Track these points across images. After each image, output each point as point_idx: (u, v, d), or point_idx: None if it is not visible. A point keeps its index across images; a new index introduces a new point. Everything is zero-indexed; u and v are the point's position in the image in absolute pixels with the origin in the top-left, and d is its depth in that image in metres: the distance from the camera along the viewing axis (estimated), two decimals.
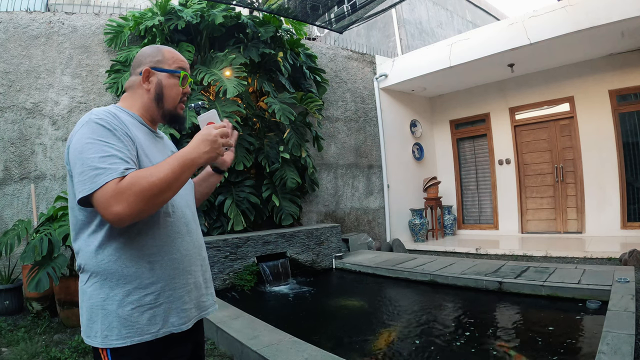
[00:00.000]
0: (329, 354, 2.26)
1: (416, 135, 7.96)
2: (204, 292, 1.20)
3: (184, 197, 1.19)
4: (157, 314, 1.02)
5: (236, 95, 4.73)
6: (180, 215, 1.14)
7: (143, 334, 0.99)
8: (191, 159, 0.99)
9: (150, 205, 0.92)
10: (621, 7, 4.61)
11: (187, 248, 1.13)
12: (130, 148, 1.00)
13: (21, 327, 3.37)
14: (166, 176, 0.93)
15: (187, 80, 1.22)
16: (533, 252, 5.41)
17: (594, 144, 6.28)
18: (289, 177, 5.28)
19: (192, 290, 1.13)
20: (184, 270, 1.11)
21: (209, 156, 1.02)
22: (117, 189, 0.89)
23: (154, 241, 1.04)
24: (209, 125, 1.06)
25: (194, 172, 1.02)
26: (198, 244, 1.20)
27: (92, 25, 4.95)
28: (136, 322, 0.99)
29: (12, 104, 4.44)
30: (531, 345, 2.56)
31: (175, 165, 0.95)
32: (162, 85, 1.16)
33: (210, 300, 1.23)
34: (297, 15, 5.37)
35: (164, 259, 1.06)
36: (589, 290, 3.25)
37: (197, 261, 1.17)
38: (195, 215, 1.25)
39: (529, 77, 6.89)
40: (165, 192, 0.94)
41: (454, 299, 3.84)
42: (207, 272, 1.24)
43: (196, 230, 1.21)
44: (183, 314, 1.08)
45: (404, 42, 9.23)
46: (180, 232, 1.12)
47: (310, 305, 4.05)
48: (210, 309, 1.22)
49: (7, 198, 4.33)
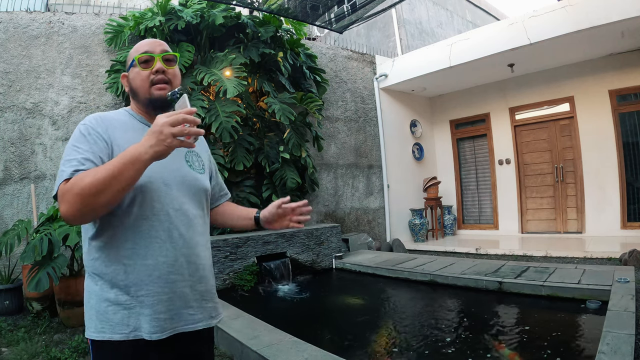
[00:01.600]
0: (329, 354, 2.25)
1: (416, 135, 7.96)
2: (194, 305, 1.11)
3: (175, 200, 1.09)
4: (130, 316, 1.02)
5: (236, 95, 4.73)
6: (163, 219, 1.06)
7: (114, 333, 1.01)
8: (135, 155, 0.89)
9: (90, 205, 0.90)
10: (621, 7, 4.61)
11: (167, 255, 1.05)
12: (99, 149, 1.01)
13: (21, 327, 3.37)
14: (103, 176, 0.89)
15: (152, 60, 1.12)
16: (533, 252, 5.41)
17: (594, 144, 6.28)
18: (289, 177, 5.28)
19: (171, 301, 1.05)
20: (159, 278, 1.04)
21: (155, 150, 0.89)
22: (62, 190, 0.92)
23: (128, 244, 1.03)
24: (161, 114, 0.92)
25: (141, 167, 0.91)
26: (188, 253, 1.10)
27: (92, 25, 4.95)
28: (110, 319, 1.02)
29: (12, 104, 4.44)
30: (531, 345, 2.56)
31: (116, 164, 0.90)
32: (130, 80, 1.16)
33: (202, 315, 1.13)
34: (297, 15, 5.37)
35: (137, 263, 1.03)
36: (589, 290, 3.25)
37: (184, 271, 1.08)
38: (195, 222, 1.14)
39: (529, 77, 6.89)
40: (104, 192, 0.89)
41: (454, 299, 3.84)
42: (202, 284, 1.14)
43: (190, 238, 1.11)
44: (155, 323, 1.02)
45: (404, 42, 9.23)
46: (158, 237, 1.05)
47: (310, 305, 4.05)
48: (200, 324, 1.12)
49: (7, 198, 4.33)
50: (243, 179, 5.13)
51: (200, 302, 1.13)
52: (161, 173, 1.08)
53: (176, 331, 1.07)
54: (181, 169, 1.15)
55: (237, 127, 4.75)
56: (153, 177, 1.06)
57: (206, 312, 1.14)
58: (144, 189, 1.05)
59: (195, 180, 1.17)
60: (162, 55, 1.14)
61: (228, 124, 4.67)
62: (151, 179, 1.05)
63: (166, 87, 1.13)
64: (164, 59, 1.14)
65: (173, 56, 1.17)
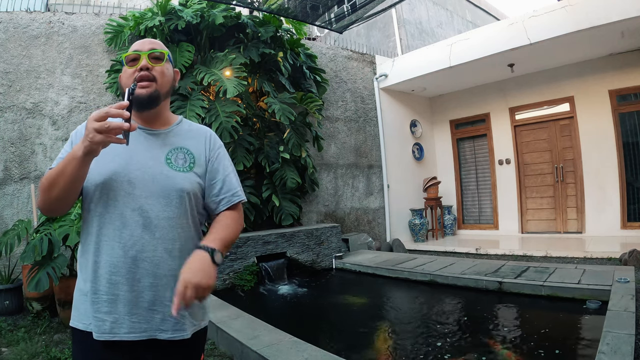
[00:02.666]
0: (329, 354, 2.25)
1: (416, 135, 7.95)
2: (139, 313, 1.02)
3: (135, 200, 1.04)
4: (88, 309, 1.06)
5: (236, 95, 4.73)
6: (115, 218, 1.03)
7: (79, 322, 1.06)
8: (71, 153, 0.93)
9: (47, 199, 1.00)
10: (621, 7, 4.61)
11: (112, 255, 1.02)
12: None
13: (21, 327, 3.37)
14: (51, 174, 0.98)
15: (138, 57, 1.11)
16: (533, 252, 5.41)
17: (594, 144, 6.28)
18: (289, 177, 5.28)
19: (112, 303, 1.01)
20: (102, 277, 1.02)
21: (84, 146, 0.89)
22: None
23: (86, 239, 1.08)
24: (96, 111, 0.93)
25: (78, 164, 0.92)
26: (139, 256, 1.02)
27: (92, 25, 4.95)
28: (78, 307, 1.08)
29: (12, 104, 4.44)
30: (531, 345, 2.56)
31: (61, 163, 0.97)
32: (120, 80, 1.16)
33: (148, 326, 1.03)
34: (297, 15, 5.37)
35: (89, 259, 1.05)
36: (589, 290, 3.25)
37: (129, 274, 1.02)
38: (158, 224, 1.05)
39: (529, 77, 6.88)
40: (53, 188, 0.97)
41: (454, 299, 3.84)
42: (150, 292, 1.04)
43: (144, 241, 1.03)
44: (96, 322, 1.02)
45: (404, 42, 9.23)
46: (106, 235, 1.03)
47: (310, 305, 4.05)
48: (143, 334, 1.03)
49: (7, 198, 4.33)
50: (243, 179, 5.12)
51: (147, 311, 1.03)
52: (128, 170, 1.05)
53: (116, 337, 1.01)
54: (155, 167, 1.08)
55: (237, 127, 4.75)
56: (118, 175, 1.04)
57: (153, 323, 1.04)
58: (105, 186, 1.04)
59: (168, 179, 1.07)
60: (148, 52, 1.12)
61: (228, 124, 4.67)
62: (115, 175, 1.04)
63: (150, 84, 1.09)
64: (150, 56, 1.11)
65: (160, 53, 1.14)
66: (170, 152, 1.12)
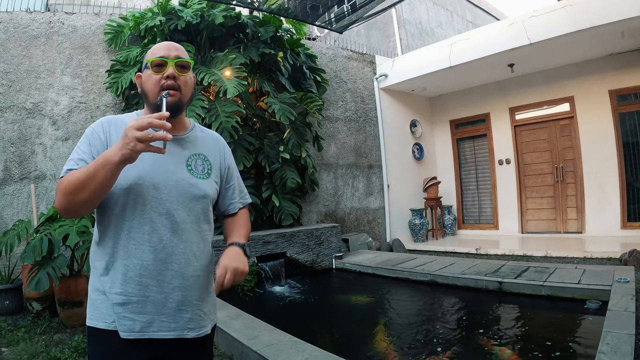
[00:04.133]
0: (329, 354, 2.25)
1: (416, 135, 7.96)
2: (168, 313, 1.07)
3: (162, 204, 1.08)
4: (112, 309, 1.06)
5: (236, 95, 4.73)
6: (144, 222, 1.06)
7: (100, 320, 1.07)
8: (106, 158, 0.92)
9: (72, 202, 0.97)
10: (621, 7, 4.61)
11: (142, 257, 1.05)
12: (96, 150, 1.07)
13: (21, 327, 3.37)
14: (79, 177, 0.95)
15: (165, 64, 1.12)
16: (533, 252, 5.41)
17: (594, 144, 6.28)
18: (289, 177, 5.28)
19: (142, 304, 1.05)
20: (132, 280, 1.05)
21: (122, 153, 0.90)
22: (57, 186, 1.01)
23: (111, 242, 1.08)
24: (134, 118, 0.95)
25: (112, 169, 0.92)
26: (168, 259, 1.07)
27: (92, 25, 4.95)
28: (98, 307, 1.08)
29: (12, 104, 4.44)
30: (531, 345, 2.56)
31: (91, 165, 0.95)
32: (142, 82, 1.18)
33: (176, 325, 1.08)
34: (297, 15, 5.37)
35: (117, 262, 1.07)
36: (589, 290, 3.25)
37: (159, 276, 1.06)
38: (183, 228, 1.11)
39: (529, 77, 6.88)
40: (81, 191, 0.95)
41: (454, 299, 3.84)
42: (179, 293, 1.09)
43: (172, 244, 1.08)
44: (124, 322, 1.04)
45: (404, 42, 9.23)
46: (136, 239, 1.06)
47: (310, 305, 4.05)
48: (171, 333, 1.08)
49: (7, 198, 4.33)
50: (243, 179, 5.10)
51: (175, 311, 1.09)
52: (153, 176, 1.08)
53: (145, 336, 1.05)
54: (177, 173, 1.13)
55: (237, 127, 4.75)
56: (143, 179, 1.07)
57: (182, 322, 1.10)
58: (131, 191, 1.06)
59: (191, 186, 1.14)
60: (175, 60, 1.14)
61: (228, 124, 4.67)
62: (140, 180, 1.06)
63: (176, 94, 1.12)
64: (177, 64, 1.14)
65: (187, 63, 1.16)
66: (189, 159, 1.18)
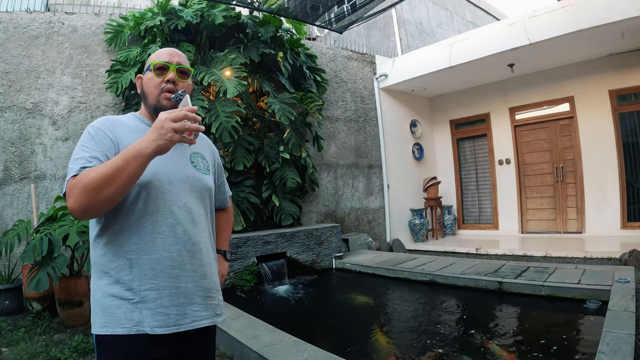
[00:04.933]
0: (329, 354, 2.25)
1: (416, 135, 7.96)
2: (198, 302, 1.13)
3: (179, 198, 1.13)
4: (133, 310, 1.04)
5: (236, 95, 4.73)
6: (167, 215, 1.10)
7: (117, 327, 1.04)
8: (137, 150, 0.93)
9: (95, 200, 0.93)
10: (621, 7, 4.61)
11: (169, 250, 1.09)
12: (106, 148, 1.06)
13: (21, 327, 3.37)
14: (106, 171, 0.92)
15: (167, 69, 1.18)
16: (533, 252, 5.41)
17: (594, 144, 6.28)
18: (289, 177, 5.28)
19: (175, 296, 1.08)
20: (163, 273, 1.07)
21: (158, 144, 0.92)
22: (70, 185, 0.97)
23: (133, 239, 1.07)
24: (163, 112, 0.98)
25: (144, 161, 0.94)
26: (192, 249, 1.13)
27: (92, 25, 4.95)
28: (114, 313, 1.05)
29: (12, 104, 4.44)
30: (531, 345, 2.56)
31: (119, 159, 0.93)
32: (143, 83, 1.22)
33: (207, 313, 1.15)
34: (297, 15, 5.37)
35: (142, 258, 1.06)
36: (589, 290, 3.25)
37: (187, 266, 1.11)
38: (199, 219, 1.18)
39: (529, 77, 6.88)
40: (107, 186, 0.92)
41: (454, 299, 3.84)
42: (205, 280, 1.16)
43: (194, 234, 1.14)
44: (159, 317, 1.05)
45: (404, 42, 9.23)
46: (162, 232, 1.08)
47: (310, 305, 4.05)
48: (205, 321, 1.14)
49: (7, 198, 4.33)
50: (243, 179, 5.13)
51: (204, 298, 1.15)
52: (166, 171, 1.12)
53: (180, 329, 1.08)
54: (186, 169, 1.19)
55: (237, 127, 4.75)
56: (159, 175, 1.10)
57: (211, 309, 1.17)
58: (149, 186, 1.08)
59: (199, 181, 1.21)
60: (177, 67, 1.19)
61: (228, 124, 4.67)
62: (157, 176, 1.09)
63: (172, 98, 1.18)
64: (178, 70, 1.19)
65: (188, 70, 1.22)
66: (192, 156, 1.24)
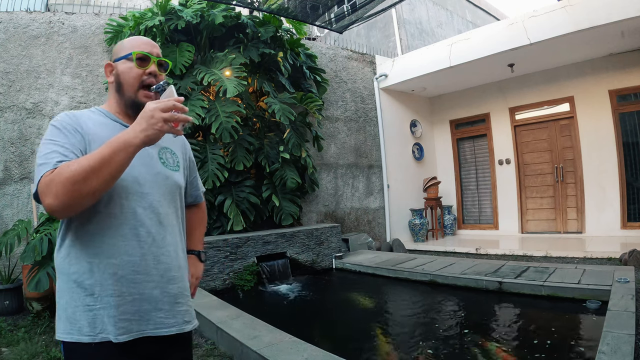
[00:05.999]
0: (329, 354, 2.25)
1: (416, 135, 7.96)
2: (165, 308, 1.06)
3: (145, 198, 1.06)
4: (96, 317, 0.99)
5: (236, 95, 4.73)
6: (130, 217, 1.03)
7: (82, 334, 0.99)
8: (124, 140, 0.89)
9: (78, 194, 0.87)
10: (621, 7, 4.61)
11: (132, 254, 1.02)
12: (76, 141, 1.00)
13: (21, 327, 3.37)
14: (89, 163, 0.87)
15: (149, 60, 1.11)
16: (533, 252, 5.41)
17: (594, 144, 6.28)
18: (289, 177, 5.28)
19: (138, 302, 1.02)
20: (124, 278, 1.01)
21: (146, 134, 0.89)
22: (45, 181, 0.89)
23: (95, 242, 1.00)
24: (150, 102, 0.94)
25: (132, 152, 0.90)
26: (158, 252, 1.06)
27: (92, 25, 4.95)
28: (78, 320, 0.99)
29: (12, 104, 4.44)
30: (531, 346, 2.56)
31: (105, 150, 0.88)
32: (119, 72, 1.12)
33: (175, 320, 1.08)
34: (297, 15, 5.38)
35: (102, 262, 1.00)
36: (589, 290, 3.25)
37: (152, 271, 1.04)
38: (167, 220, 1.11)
39: (529, 77, 6.88)
40: (92, 179, 0.86)
41: (454, 299, 3.84)
42: (173, 285, 1.09)
43: (160, 237, 1.07)
44: (120, 324, 0.99)
45: (404, 42, 9.23)
46: (124, 235, 1.02)
47: (310, 305, 4.05)
48: (172, 329, 1.07)
49: (7, 198, 4.33)
50: (243, 179, 5.13)
51: (172, 305, 1.08)
52: (132, 169, 1.02)
53: (144, 334, 1.03)
54: (154, 166, 1.12)
55: (237, 127, 4.75)
56: (125, 173, 1.00)
57: (179, 316, 1.10)
58: (115, 186, 1.00)
59: (167, 178, 1.14)
60: (158, 59, 1.14)
61: (228, 124, 4.67)
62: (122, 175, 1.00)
63: (152, 95, 1.12)
64: (158, 63, 1.14)
65: (166, 63, 1.17)
66: (160, 152, 1.16)
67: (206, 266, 4.22)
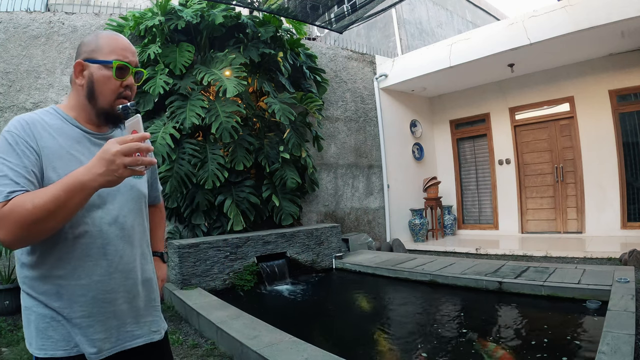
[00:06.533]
0: (329, 354, 2.25)
1: (416, 135, 7.96)
2: (129, 322, 1.06)
3: (109, 213, 1.02)
4: (70, 332, 0.97)
5: (236, 95, 4.73)
6: (97, 236, 0.99)
7: (57, 349, 0.97)
8: (81, 183, 0.83)
9: (33, 232, 0.84)
10: (621, 7, 4.61)
11: (101, 274, 1.00)
12: (30, 163, 0.92)
13: (21, 327, 3.37)
14: (45, 204, 0.82)
15: (128, 71, 1.03)
16: (533, 252, 5.41)
17: (594, 144, 6.29)
18: (289, 177, 5.28)
19: (108, 320, 1.01)
20: (95, 299, 0.99)
21: (105, 179, 0.83)
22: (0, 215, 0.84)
23: (61, 263, 0.96)
24: (112, 140, 0.85)
25: (88, 195, 0.86)
26: (125, 268, 1.04)
27: (92, 25, 4.95)
28: (51, 335, 0.97)
29: (12, 104, 4.44)
30: (531, 346, 2.56)
31: (59, 191, 0.83)
32: (94, 80, 1.01)
33: (142, 331, 1.08)
34: (297, 15, 5.37)
35: (70, 284, 0.96)
36: (589, 290, 3.25)
37: (120, 288, 1.03)
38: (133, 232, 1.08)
39: (529, 77, 6.89)
40: (47, 221, 0.83)
41: (454, 299, 3.84)
42: (139, 299, 1.08)
43: (127, 253, 1.05)
44: (92, 344, 0.98)
45: (404, 42, 9.24)
46: (91, 256, 0.98)
47: (310, 305, 4.05)
48: (139, 340, 1.07)
49: None
50: (243, 179, 5.13)
51: (136, 317, 1.08)
52: None
53: (114, 351, 1.02)
54: None
55: (237, 127, 4.75)
56: None
57: (145, 327, 1.10)
58: None
59: (131, 188, 1.09)
60: (136, 69, 1.06)
61: (228, 124, 4.67)
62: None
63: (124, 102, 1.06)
64: (136, 73, 1.06)
65: (142, 73, 1.10)
66: None
67: (206, 266, 4.23)
